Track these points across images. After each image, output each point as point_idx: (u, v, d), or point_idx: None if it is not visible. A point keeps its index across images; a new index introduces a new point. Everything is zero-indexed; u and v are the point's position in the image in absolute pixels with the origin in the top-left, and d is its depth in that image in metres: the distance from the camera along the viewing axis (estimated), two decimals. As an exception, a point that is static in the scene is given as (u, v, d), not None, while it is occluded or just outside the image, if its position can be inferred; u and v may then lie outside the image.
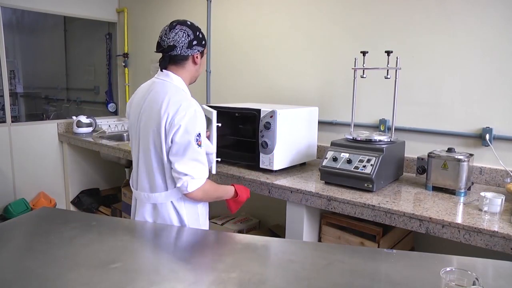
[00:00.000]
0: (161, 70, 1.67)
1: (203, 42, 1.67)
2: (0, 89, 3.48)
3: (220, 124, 2.08)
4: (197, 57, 1.66)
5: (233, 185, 1.80)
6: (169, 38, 1.59)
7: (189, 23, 1.64)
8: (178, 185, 1.54)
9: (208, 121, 1.98)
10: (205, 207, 1.79)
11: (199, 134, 1.54)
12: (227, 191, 1.75)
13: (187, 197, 1.59)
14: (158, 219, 1.68)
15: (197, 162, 1.55)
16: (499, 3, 1.98)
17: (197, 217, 1.72)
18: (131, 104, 1.74)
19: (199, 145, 1.54)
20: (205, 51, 1.72)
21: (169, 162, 1.57)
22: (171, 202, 1.64)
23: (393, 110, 2.06)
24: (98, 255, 1.26)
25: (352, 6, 2.47)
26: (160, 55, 1.67)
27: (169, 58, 1.63)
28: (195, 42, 1.62)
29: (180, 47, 1.60)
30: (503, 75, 2.00)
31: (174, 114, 1.52)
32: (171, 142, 1.53)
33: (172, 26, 1.61)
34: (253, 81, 3.06)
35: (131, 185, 1.81)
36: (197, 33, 1.64)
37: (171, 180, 1.61)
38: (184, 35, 1.59)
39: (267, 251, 1.35)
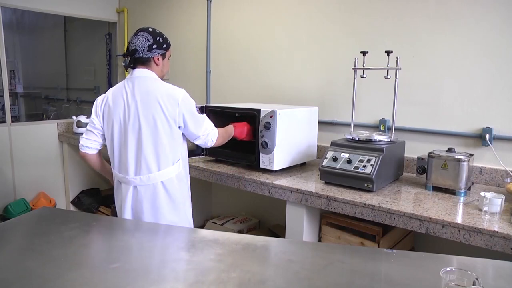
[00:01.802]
0: (132, 69, 1.87)
1: (164, 46, 1.88)
2: (0, 89, 3.48)
3: None
4: (158, 58, 1.87)
5: (232, 125, 2.16)
6: (133, 43, 1.83)
7: (150, 29, 1.86)
8: (207, 143, 1.91)
9: None
10: (188, 184, 2.03)
11: (195, 105, 1.87)
12: (231, 130, 2.12)
13: (214, 146, 1.96)
14: (160, 197, 1.85)
15: (206, 121, 1.90)
16: (499, 3, 1.98)
17: (188, 193, 2.00)
18: (107, 103, 1.88)
19: (200, 112, 1.88)
20: (167, 53, 1.92)
21: (189, 137, 1.90)
22: (176, 175, 1.88)
23: (393, 110, 2.06)
24: (98, 255, 1.26)
25: (352, 6, 2.47)
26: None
27: (134, 60, 1.85)
28: (154, 46, 1.83)
29: (141, 51, 1.82)
30: (503, 75, 2.00)
31: (174, 100, 1.79)
32: (183, 122, 1.82)
33: (136, 33, 1.85)
34: (253, 81, 3.06)
35: (123, 174, 1.86)
36: (157, 38, 1.85)
37: (174, 157, 1.87)
38: (144, 40, 1.82)
39: (267, 251, 1.35)
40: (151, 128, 1.79)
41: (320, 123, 2.56)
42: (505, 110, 2.01)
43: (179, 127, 1.84)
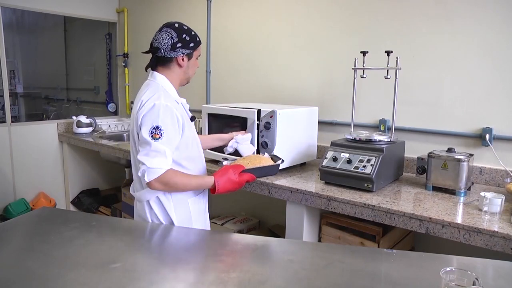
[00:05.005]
0: (152, 71, 1.70)
1: (191, 45, 1.66)
2: (0, 89, 3.48)
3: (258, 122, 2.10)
4: (182, 59, 1.65)
5: (215, 176, 1.64)
6: (156, 40, 1.63)
7: (176, 25, 1.64)
8: (139, 174, 1.54)
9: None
10: (198, 204, 1.76)
11: (156, 127, 1.52)
12: (203, 183, 1.65)
13: (148, 187, 1.55)
14: (149, 216, 1.69)
15: (155, 153, 1.51)
16: (499, 3, 1.98)
17: (188, 215, 1.71)
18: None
19: (154, 138, 1.51)
20: (195, 53, 1.70)
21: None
22: (147, 201, 1.67)
23: (393, 110, 2.06)
24: (98, 255, 1.26)
25: (352, 6, 2.47)
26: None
27: (156, 59, 1.65)
28: (179, 45, 1.62)
29: (163, 49, 1.61)
30: (503, 75, 2.00)
31: (139, 109, 1.57)
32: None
33: (160, 28, 1.64)
34: (253, 81, 3.06)
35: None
36: (183, 35, 1.63)
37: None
38: (168, 37, 1.60)
39: (267, 251, 1.35)
40: (133, 143, 1.65)
41: (320, 123, 2.56)
42: (505, 110, 2.01)
43: None
